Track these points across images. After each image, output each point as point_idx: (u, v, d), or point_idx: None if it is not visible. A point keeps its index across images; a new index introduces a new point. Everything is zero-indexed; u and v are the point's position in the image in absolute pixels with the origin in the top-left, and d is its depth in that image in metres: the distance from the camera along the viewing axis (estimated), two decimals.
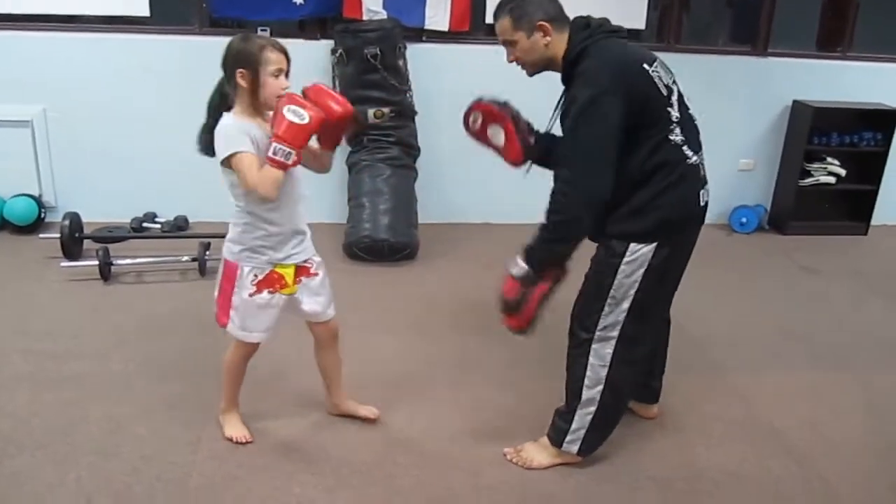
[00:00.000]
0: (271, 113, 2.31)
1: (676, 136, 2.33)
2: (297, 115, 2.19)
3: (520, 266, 2.40)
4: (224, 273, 2.47)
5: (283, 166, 2.22)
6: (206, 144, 2.38)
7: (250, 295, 2.43)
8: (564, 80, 2.42)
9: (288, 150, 2.20)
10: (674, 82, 2.39)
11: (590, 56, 2.29)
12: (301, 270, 2.52)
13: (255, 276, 2.43)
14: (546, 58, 2.40)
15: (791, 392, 3.24)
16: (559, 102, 2.44)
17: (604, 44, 2.32)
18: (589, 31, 2.34)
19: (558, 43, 2.37)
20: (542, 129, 2.66)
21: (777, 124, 5.36)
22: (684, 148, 2.35)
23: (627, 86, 2.23)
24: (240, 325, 2.49)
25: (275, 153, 2.19)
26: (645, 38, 5.11)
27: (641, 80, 2.27)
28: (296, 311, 2.59)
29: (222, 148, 2.28)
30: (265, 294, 2.45)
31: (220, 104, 2.38)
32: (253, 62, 2.25)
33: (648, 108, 2.28)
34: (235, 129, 2.27)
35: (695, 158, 2.39)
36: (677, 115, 2.34)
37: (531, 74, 2.49)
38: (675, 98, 2.35)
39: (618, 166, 2.28)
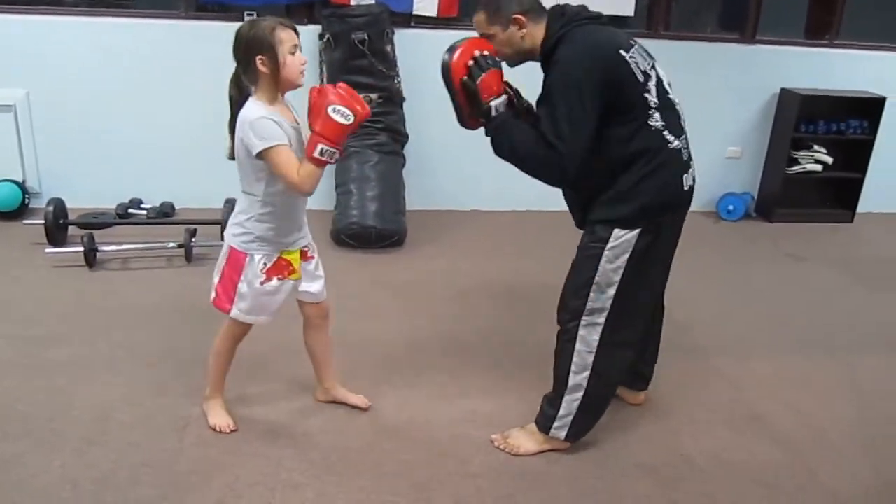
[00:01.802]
0: (289, 94, 2.37)
1: (656, 121, 2.34)
2: (343, 115, 2.20)
3: (501, 103, 2.38)
4: (228, 261, 2.47)
5: (325, 165, 2.25)
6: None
7: (261, 283, 2.44)
8: (543, 68, 2.42)
9: (333, 150, 2.23)
10: (652, 67, 2.39)
11: (565, 43, 2.30)
12: (301, 255, 2.54)
13: (265, 264, 2.44)
14: (524, 49, 2.41)
15: (777, 378, 3.26)
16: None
17: (579, 31, 2.32)
18: (565, 19, 2.35)
19: (535, 33, 2.37)
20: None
21: (764, 112, 5.38)
22: (665, 133, 2.36)
23: (601, 71, 2.25)
24: (246, 310, 2.49)
25: (321, 154, 2.21)
26: (633, 24, 5.09)
27: (616, 65, 2.28)
28: (294, 293, 2.60)
29: (257, 140, 2.26)
30: (275, 281, 2.47)
31: (239, 97, 2.36)
32: (269, 45, 2.25)
33: (624, 94, 2.29)
34: (269, 121, 2.26)
35: (676, 143, 2.40)
36: (655, 100, 2.35)
37: (512, 66, 2.49)
38: (652, 83, 2.35)
39: (599, 153, 2.31)
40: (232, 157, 2.39)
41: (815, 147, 5.32)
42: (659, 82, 2.39)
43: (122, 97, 4.64)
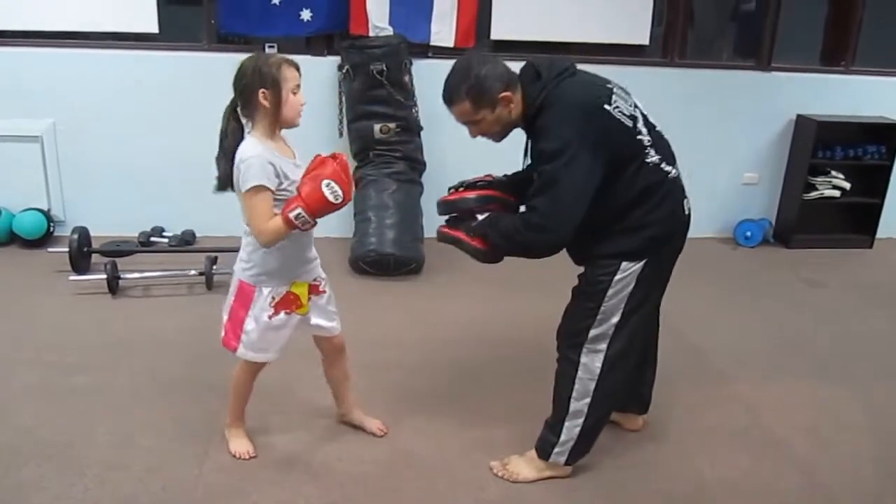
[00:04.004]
0: (284, 133, 2.37)
1: (652, 157, 2.34)
2: (334, 194, 2.17)
3: (480, 222, 2.50)
4: (237, 297, 2.47)
5: (295, 229, 2.23)
6: (225, 176, 2.37)
7: (269, 317, 2.44)
8: (526, 130, 2.40)
9: (309, 220, 2.20)
10: (635, 106, 2.38)
11: (550, 106, 2.27)
12: (311, 289, 2.53)
13: (273, 297, 2.43)
14: (512, 123, 2.39)
15: (795, 404, 3.24)
16: (526, 146, 2.45)
17: (559, 92, 2.28)
18: (542, 81, 2.30)
19: (519, 104, 2.34)
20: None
21: (781, 138, 5.38)
22: (662, 165, 2.37)
23: (594, 134, 2.23)
24: (252, 346, 2.48)
25: (296, 218, 2.19)
26: (649, 53, 5.13)
27: (605, 123, 2.26)
28: (305, 328, 2.60)
29: (244, 178, 2.25)
30: (282, 315, 2.45)
31: (237, 128, 2.36)
32: (274, 81, 2.25)
33: (619, 145, 2.29)
34: (261, 160, 2.25)
35: (674, 172, 2.42)
36: (648, 138, 2.35)
37: (499, 140, 2.47)
38: (640, 124, 2.35)
39: (606, 197, 2.30)
40: (221, 189, 2.40)
41: (833, 173, 5.31)
42: (644, 118, 2.38)
43: (145, 128, 4.73)
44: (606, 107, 2.27)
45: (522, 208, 2.45)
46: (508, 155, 2.82)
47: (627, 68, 4.93)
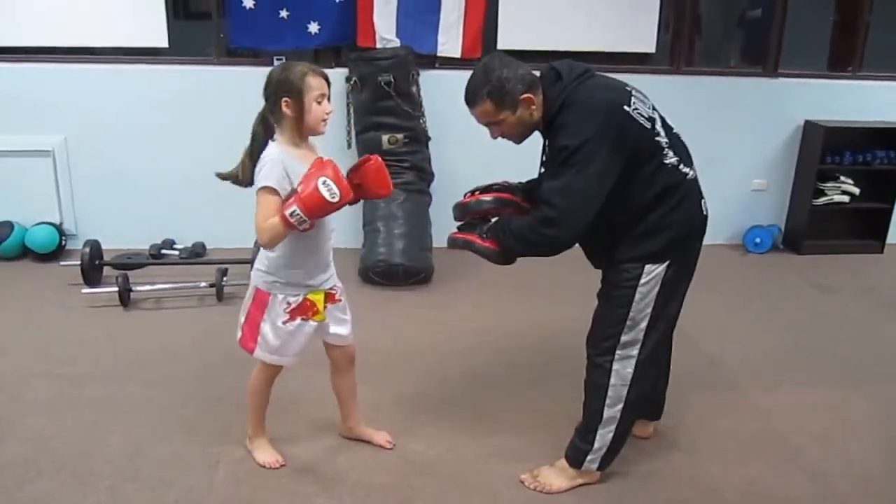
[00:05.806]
0: (312, 139, 2.42)
1: (670, 158, 2.37)
2: (330, 192, 2.16)
3: (493, 224, 2.49)
4: (254, 300, 2.49)
5: (292, 228, 2.22)
6: (249, 174, 2.39)
7: (283, 322, 2.45)
8: (545, 130, 2.42)
9: (304, 218, 2.19)
10: (653, 108, 2.41)
11: (570, 106, 2.29)
12: (328, 297, 2.54)
13: (289, 303, 2.45)
14: (533, 124, 2.41)
15: (806, 409, 3.22)
16: (543, 149, 2.47)
17: (579, 92, 2.31)
18: (562, 83, 2.33)
19: (540, 106, 2.37)
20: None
21: (789, 144, 5.37)
22: (680, 167, 2.39)
23: (613, 132, 2.25)
24: (269, 349, 2.50)
25: (291, 215, 2.18)
26: (656, 61, 5.14)
27: (624, 122, 2.28)
28: (320, 335, 2.62)
29: (257, 179, 2.30)
30: (298, 321, 2.47)
31: (263, 133, 2.40)
32: (296, 90, 2.28)
33: (639, 146, 2.31)
34: (274, 163, 2.29)
35: (691, 173, 2.44)
36: (666, 140, 2.37)
37: (519, 143, 2.49)
38: (658, 125, 2.38)
39: (624, 198, 2.32)
40: (234, 179, 2.44)
41: (842, 178, 5.30)
42: (662, 120, 2.42)
43: (155, 141, 4.77)
44: (626, 108, 2.30)
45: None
46: (517, 163, 2.83)
47: (634, 76, 4.92)
